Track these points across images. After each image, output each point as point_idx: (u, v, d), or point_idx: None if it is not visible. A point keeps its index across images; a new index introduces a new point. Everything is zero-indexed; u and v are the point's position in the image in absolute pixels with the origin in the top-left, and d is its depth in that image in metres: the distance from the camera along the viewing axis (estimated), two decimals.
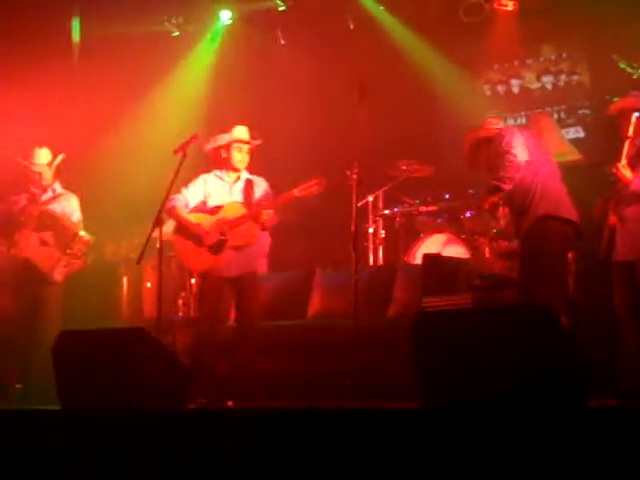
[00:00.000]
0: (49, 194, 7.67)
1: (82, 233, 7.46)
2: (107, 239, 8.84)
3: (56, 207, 7.58)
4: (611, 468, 3.63)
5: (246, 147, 7.01)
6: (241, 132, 7.01)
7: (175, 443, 4.42)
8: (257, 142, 7.06)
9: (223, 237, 6.75)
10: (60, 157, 7.66)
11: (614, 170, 6.15)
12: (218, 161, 7.04)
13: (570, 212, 6.17)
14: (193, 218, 6.87)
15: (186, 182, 6.99)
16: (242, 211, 6.83)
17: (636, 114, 6.22)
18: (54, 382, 5.26)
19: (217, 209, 6.88)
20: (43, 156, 7.65)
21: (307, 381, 6.50)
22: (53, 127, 8.56)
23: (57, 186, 7.72)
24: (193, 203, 6.93)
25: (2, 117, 8.60)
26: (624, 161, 6.15)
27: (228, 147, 6.98)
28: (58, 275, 7.38)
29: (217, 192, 6.95)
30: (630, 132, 6.18)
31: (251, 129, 7.05)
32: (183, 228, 6.85)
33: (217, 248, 6.75)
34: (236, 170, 7.00)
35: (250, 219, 6.77)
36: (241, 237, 6.77)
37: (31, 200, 7.61)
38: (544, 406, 4.04)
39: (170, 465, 4.39)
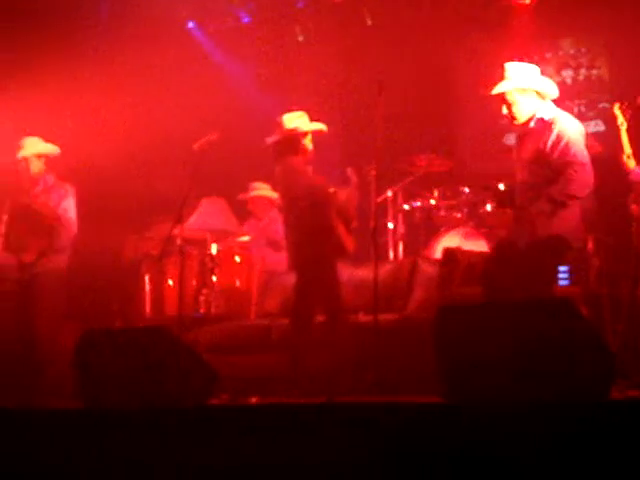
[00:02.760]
0: (40, 187, 7.41)
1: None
2: (128, 236, 8.85)
3: (47, 200, 7.34)
4: (634, 459, 3.63)
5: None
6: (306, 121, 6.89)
7: (198, 440, 4.44)
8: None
9: None
10: (50, 147, 7.40)
11: (620, 162, 6.19)
12: (293, 148, 6.81)
13: None
14: None
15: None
16: None
17: (617, 104, 6.27)
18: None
19: None
20: (30, 146, 7.36)
21: (328, 376, 6.50)
22: (68, 122, 8.57)
23: (50, 178, 7.44)
24: None
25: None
26: (629, 151, 6.18)
27: (306, 135, 6.83)
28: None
29: None
30: (619, 122, 6.21)
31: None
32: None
33: None
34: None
35: None
36: None
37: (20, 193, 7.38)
38: (566, 398, 4.04)
39: (193, 463, 4.41)
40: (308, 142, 6.83)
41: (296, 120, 6.80)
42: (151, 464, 4.47)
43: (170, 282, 8.06)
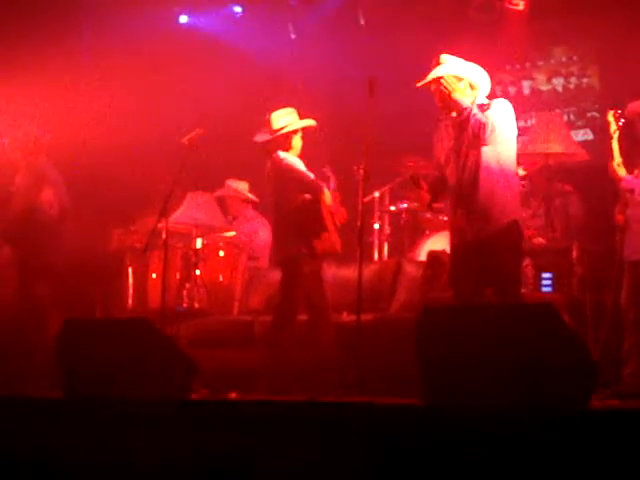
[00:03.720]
0: None
1: None
2: (113, 228, 8.83)
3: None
4: (613, 469, 3.63)
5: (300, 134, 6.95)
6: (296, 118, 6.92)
7: (177, 434, 4.43)
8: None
9: None
10: None
11: (609, 170, 6.21)
12: (284, 145, 6.85)
13: None
14: None
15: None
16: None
17: (611, 111, 6.29)
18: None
19: None
20: None
21: (310, 374, 6.49)
22: (56, 114, 8.53)
23: None
24: None
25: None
26: (619, 159, 6.19)
27: (296, 132, 6.88)
28: None
29: None
30: (612, 130, 6.22)
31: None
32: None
33: None
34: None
35: None
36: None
37: None
38: (546, 405, 4.04)
39: (172, 456, 4.40)
40: (298, 139, 6.85)
41: (286, 117, 6.81)
42: (128, 456, 4.46)
43: (154, 275, 8.04)
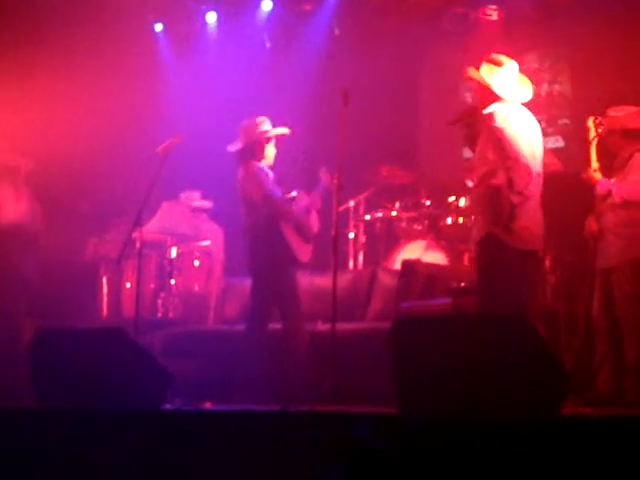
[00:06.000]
0: None
1: None
2: (88, 237, 8.80)
3: None
4: (585, 476, 3.65)
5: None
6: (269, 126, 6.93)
7: (151, 444, 4.42)
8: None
9: None
10: None
11: (585, 176, 6.26)
12: (257, 154, 6.89)
13: None
14: None
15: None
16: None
17: (591, 118, 6.35)
18: None
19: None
20: None
21: (284, 383, 6.49)
22: (31, 126, 8.52)
23: None
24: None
25: None
26: (596, 165, 6.26)
27: (269, 141, 6.90)
28: None
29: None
30: (591, 136, 6.28)
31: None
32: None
33: None
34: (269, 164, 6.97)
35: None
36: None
37: None
38: (518, 414, 4.06)
39: (145, 466, 4.39)
40: (271, 148, 6.87)
41: (259, 126, 6.82)
42: (102, 465, 4.45)
43: (128, 285, 8.03)
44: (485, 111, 5.74)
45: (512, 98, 5.83)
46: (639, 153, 6.27)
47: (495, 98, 5.80)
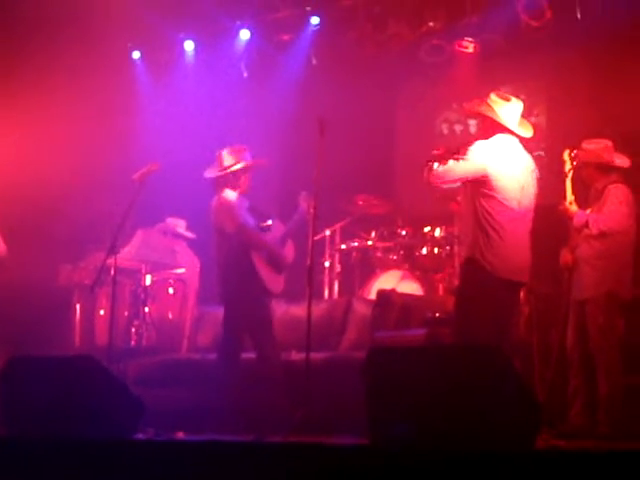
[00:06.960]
0: None
1: None
2: (61, 264, 8.75)
3: None
4: None
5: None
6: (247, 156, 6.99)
7: (122, 474, 4.38)
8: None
9: None
10: None
11: (562, 208, 6.30)
12: (232, 182, 6.92)
13: None
14: None
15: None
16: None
17: (567, 150, 6.39)
18: None
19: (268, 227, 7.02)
20: None
21: (258, 413, 6.46)
22: (6, 151, 8.49)
23: None
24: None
25: None
26: (571, 198, 6.30)
27: (246, 170, 6.94)
28: None
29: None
30: (567, 169, 6.33)
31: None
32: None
33: None
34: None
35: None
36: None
37: None
38: (491, 446, 4.05)
39: None
40: (247, 177, 6.88)
41: (236, 155, 6.83)
42: None
43: (101, 312, 7.98)
44: (471, 147, 5.77)
45: (518, 132, 5.88)
46: (612, 185, 6.34)
47: (501, 130, 5.84)
